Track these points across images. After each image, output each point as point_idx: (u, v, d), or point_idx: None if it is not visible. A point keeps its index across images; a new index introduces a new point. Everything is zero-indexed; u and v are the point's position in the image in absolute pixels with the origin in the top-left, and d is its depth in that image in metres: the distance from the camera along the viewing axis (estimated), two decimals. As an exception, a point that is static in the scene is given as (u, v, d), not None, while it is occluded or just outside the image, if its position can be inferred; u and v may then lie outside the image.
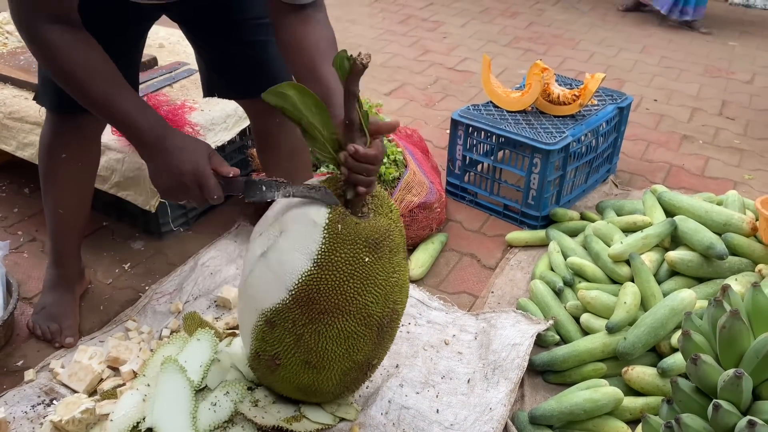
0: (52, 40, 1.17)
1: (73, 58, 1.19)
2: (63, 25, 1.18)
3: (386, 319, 1.31)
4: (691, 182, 2.65)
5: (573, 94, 2.33)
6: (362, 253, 1.22)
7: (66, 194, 1.69)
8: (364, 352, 1.32)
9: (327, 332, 1.25)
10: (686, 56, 4.04)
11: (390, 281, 1.28)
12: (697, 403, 1.21)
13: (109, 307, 1.89)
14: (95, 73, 1.21)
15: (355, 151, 1.15)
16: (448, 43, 4.17)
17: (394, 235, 1.28)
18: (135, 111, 1.23)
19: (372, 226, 1.23)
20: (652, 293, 1.75)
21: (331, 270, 1.21)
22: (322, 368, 1.31)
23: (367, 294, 1.25)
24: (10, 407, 1.53)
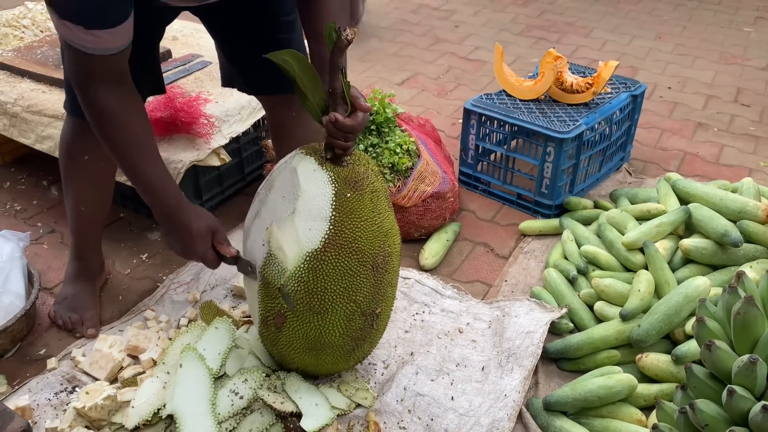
0: (104, 108, 1.30)
1: (119, 128, 1.33)
2: (117, 87, 1.30)
3: (379, 258, 1.36)
4: (705, 170, 2.64)
5: (586, 83, 2.32)
6: (344, 189, 1.31)
7: (87, 193, 1.72)
8: (362, 291, 1.35)
9: (323, 269, 1.31)
10: (700, 43, 4.00)
11: (376, 221, 1.35)
12: (711, 388, 1.21)
13: (127, 297, 1.92)
14: (133, 145, 1.36)
15: (335, 120, 1.27)
16: (460, 32, 4.16)
17: (372, 179, 1.36)
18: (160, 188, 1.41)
19: (350, 170, 1.34)
20: (666, 281, 1.75)
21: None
22: (326, 312, 1.34)
23: (354, 228, 1.31)
24: (34, 394, 1.56)
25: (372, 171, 1.38)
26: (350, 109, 1.29)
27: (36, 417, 1.51)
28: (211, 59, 2.43)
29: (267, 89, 1.73)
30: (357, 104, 1.29)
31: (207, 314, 1.76)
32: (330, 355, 1.43)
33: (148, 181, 1.40)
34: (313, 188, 1.31)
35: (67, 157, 1.67)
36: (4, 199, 2.35)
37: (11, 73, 2.30)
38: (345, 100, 1.28)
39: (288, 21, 1.63)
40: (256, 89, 1.77)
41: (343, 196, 1.31)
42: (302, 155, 1.36)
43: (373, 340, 1.51)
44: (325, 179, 1.32)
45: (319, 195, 1.31)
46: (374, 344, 1.54)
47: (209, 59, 2.44)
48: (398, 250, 1.44)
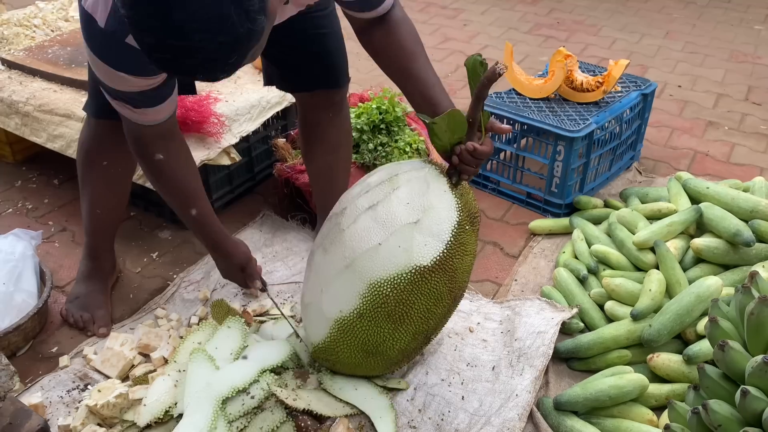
0: (158, 164, 1.46)
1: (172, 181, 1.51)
2: (168, 142, 1.45)
3: (460, 292, 1.43)
4: (716, 169, 2.62)
5: (596, 81, 2.31)
6: (465, 221, 1.37)
7: (104, 196, 1.73)
8: (436, 317, 1.41)
9: (421, 285, 1.34)
10: (711, 41, 3.98)
11: (472, 259, 1.41)
12: (724, 389, 1.21)
13: (138, 296, 1.93)
14: (189, 194, 1.54)
15: (474, 149, 1.31)
16: (469, 31, 4.15)
17: (479, 220, 1.43)
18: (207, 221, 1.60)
19: (471, 203, 1.41)
20: (678, 280, 1.74)
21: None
22: (401, 323, 1.37)
23: (460, 259, 1.36)
24: (46, 392, 1.57)
25: (476, 207, 1.44)
26: (483, 138, 1.34)
27: (49, 414, 1.52)
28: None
29: (305, 85, 1.73)
30: (495, 127, 1.35)
31: (218, 313, 1.76)
32: (377, 362, 1.46)
33: (198, 218, 1.57)
34: (442, 209, 1.35)
35: (86, 160, 1.68)
36: (15, 197, 2.36)
37: (23, 73, 2.31)
38: (481, 129, 1.33)
39: (324, 15, 1.63)
40: (294, 86, 1.78)
41: (462, 227, 1.35)
42: (436, 172, 1.39)
43: (411, 359, 1.55)
44: (452, 204, 1.36)
45: (445, 218, 1.34)
46: (409, 361, 1.58)
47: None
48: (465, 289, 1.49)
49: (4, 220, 2.24)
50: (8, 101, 2.20)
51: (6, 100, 2.20)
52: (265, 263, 2.02)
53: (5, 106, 2.21)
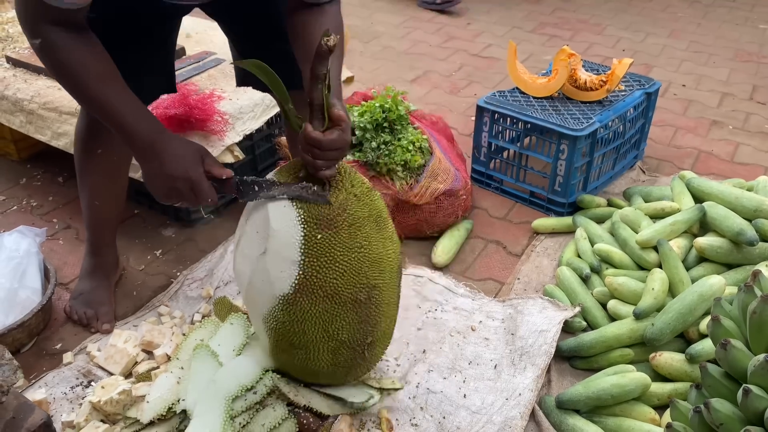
0: (53, 40, 1.17)
1: (71, 58, 1.19)
2: (65, 27, 1.18)
3: (361, 294, 1.27)
4: (720, 168, 2.62)
5: (600, 80, 2.31)
6: (313, 231, 1.22)
7: (102, 187, 1.73)
8: (345, 330, 1.30)
9: (296, 313, 1.27)
10: (715, 40, 3.97)
11: (355, 258, 1.25)
12: (726, 388, 1.21)
13: (142, 293, 1.94)
14: (93, 75, 1.21)
15: (305, 131, 1.15)
16: (473, 30, 4.15)
17: (352, 210, 1.25)
18: (130, 115, 1.24)
19: (323, 207, 1.23)
20: (681, 279, 1.74)
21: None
22: (308, 347, 1.32)
23: (326, 271, 1.23)
24: (50, 388, 1.58)
25: (354, 197, 1.26)
26: (327, 125, 1.17)
27: (52, 411, 1.53)
28: (224, 56, 2.44)
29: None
30: (334, 114, 1.16)
31: (220, 310, 1.76)
32: (325, 378, 1.44)
33: (115, 110, 1.23)
34: (283, 228, 1.23)
35: (82, 151, 1.68)
36: (20, 195, 2.37)
37: (27, 71, 2.32)
38: (323, 114, 1.16)
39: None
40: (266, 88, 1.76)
41: (312, 239, 1.22)
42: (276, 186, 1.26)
43: (372, 361, 1.46)
44: (293, 218, 1.22)
45: (288, 237, 1.22)
46: (373, 362, 1.49)
47: (223, 56, 2.45)
48: (392, 274, 1.34)
49: (8, 217, 2.25)
50: (13, 99, 2.20)
51: (11, 98, 2.21)
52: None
53: (10, 104, 2.22)
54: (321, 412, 1.44)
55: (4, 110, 2.25)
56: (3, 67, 2.36)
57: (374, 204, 1.31)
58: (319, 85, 1.12)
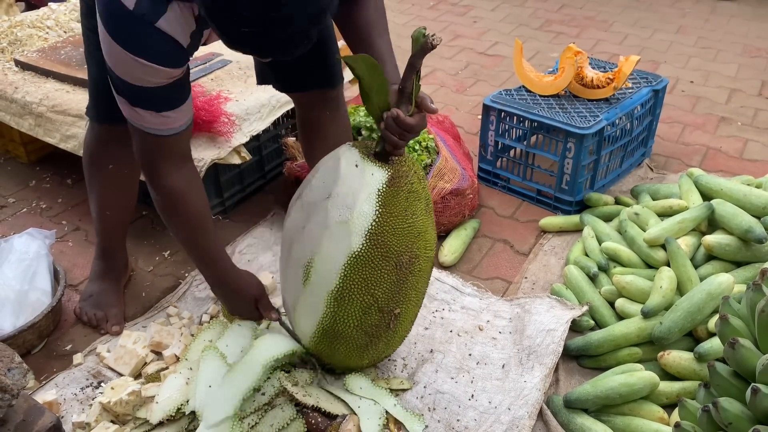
0: (172, 189, 1.41)
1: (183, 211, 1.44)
2: (182, 164, 1.42)
3: (404, 257, 1.35)
4: (728, 165, 2.60)
5: (607, 78, 2.30)
6: (383, 185, 1.32)
7: (111, 199, 1.74)
8: (381, 287, 1.36)
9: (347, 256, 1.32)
10: (724, 36, 3.94)
11: (407, 221, 1.34)
12: (734, 387, 1.20)
13: (150, 294, 1.95)
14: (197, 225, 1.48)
15: (396, 116, 1.25)
16: (479, 28, 4.14)
17: (412, 180, 1.36)
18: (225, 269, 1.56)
19: (392, 167, 1.34)
20: (689, 278, 1.73)
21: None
22: (342, 299, 1.36)
23: (382, 222, 1.31)
24: (60, 389, 1.59)
25: (415, 173, 1.38)
26: (413, 111, 1.29)
27: (63, 411, 1.54)
28: (231, 58, 2.45)
29: (300, 85, 1.73)
30: (423, 105, 1.28)
31: (228, 311, 1.78)
32: (343, 346, 1.45)
33: (207, 256, 1.53)
34: (351, 177, 1.33)
35: (91, 165, 1.69)
36: (29, 197, 2.39)
37: (36, 74, 2.34)
38: (411, 100, 1.28)
39: None
40: (288, 86, 1.78)
41: (378, 191, 1.32)
42: (349, 146, 1.38)
43: (390, 342, 1.50)
44: (364, 171, 1.32)
45: (357, 186, 1.32)
46: (390, 347, 1.54)
47: (229, 58, 2.46)
48: (430, 254, 1.43)
49: (18, 219, 2.27)
50: (22, 102, 2.22)
51: (20, 101, 2.23)
52: (275, 261, 2.03)
53: (19, 107, 2.24)
54: (329, 412, 1.45)
55: (13, 113, 2.27)
56: (12, 70, 2.38)
57: (426, 188, 1.42)
58: (413, 75, 1.24)
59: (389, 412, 1.49)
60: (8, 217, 2.29)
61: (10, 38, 2.54)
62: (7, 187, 2.44)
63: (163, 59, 1.20)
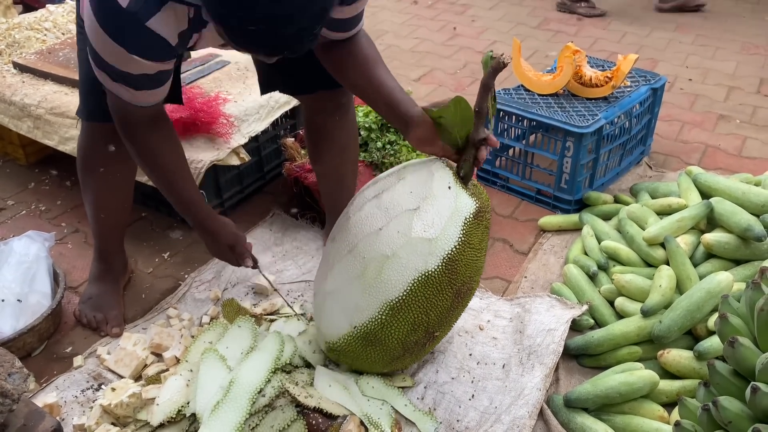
0: (145, 143, 1.45)
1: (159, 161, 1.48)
2: (154, 124, 1.43)
3: (464, 287, 1.40)
4: (727, 163, 2.60)
5: (605, 76, 2.30)
6: (470, 213, 1.37)
7: (107, 201, 1.74)
8: (436, 310, 1.39)
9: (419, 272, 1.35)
10: (722, 34, 3.94)
11: (479, 255, 1.40)
12: (734, 385, 1.20)
13: (150, 296, 1.95)
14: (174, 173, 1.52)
15: (488, 138, 1.35)
16: (477, 27, 4.14)
17: (489, 216, 1.42)
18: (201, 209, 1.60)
19: (479, 197, 1.40)
20: (688, 276, 1.73)
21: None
22: (398, 311, 1.37)
23: (459, 250, 1.35)
24: (61, 392, 1.59)
25: (489, 209, 1.43)
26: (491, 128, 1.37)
27: (63, 414, 1.54)
28: (229, 59, 2.45)
29: (307, 88, 1.72)
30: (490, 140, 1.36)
31: (228, 312, 1.78)
32: (377, 353, 1.45)
33: (183, 199, 1.56)
34: (444, 199, 1.36)
35: (84, 167, 1.69)
36: (29, 199, 2.39)
37: (34, 76, 2.34)
38: (486, 121, 1.35)
39: None
40: (296, 89, 1.78)
41: (465, 219, 1.36)
42: (443, 165, 1.40)
43: (417, 357, 1.54)
44: (456, 195, 1.36)
45: (447, 207, 1.35)
46: (415, 361, 1.58)
47: (228, 59, 2.46)
48: (476, 287, 1.49)
49: (18, 221, 2.27)
50: (20, 104, 2.22)
51: (18, 103, 2.22)
52: (275, 262, 2.03)
53: (17, 110, 2.24)
54: (330, 413, 1.45)
55: (12, 116, 2.27)
56: (10, 72, 2.37)
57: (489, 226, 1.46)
58: (488, 96, 1.29)
59: (399, 412, 1.50)
60: (7, 219, 2.29)
61: (8, 40, 2.54)
62: (6, 189, 2.44)
63: (150, 55, 1.24)
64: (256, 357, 1.51)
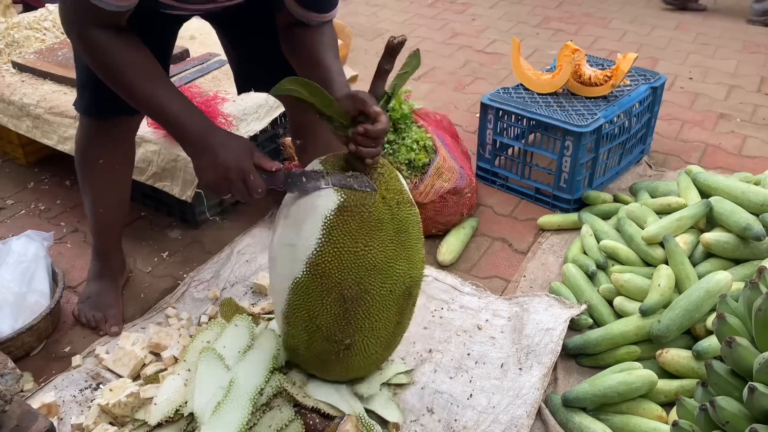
0: (102, 43, 1.23)
1: (121, 59, 1.24)
2: (111, 30, 1.24)
3: (348, 290, 1.28)
4: (727, 161, 2.60)
5: (605, 75, 2.30)
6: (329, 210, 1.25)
7: (104, 196, 1.74)
8: (323, 316, 1.31)
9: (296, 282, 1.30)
10: (723, 32, 3.93)
11: (356, 253, 1.26)
12: (732, 385, 1.20)
13: (149, 295, 1.95)
14: (142, 74, 1.26)
15: (365, 131, 1.22)
16: (477, 25, 4.14)
17: (372, 210, 1.26)
18: (182, 111, 1.28)
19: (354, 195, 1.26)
20: (687, 275, 1.73)
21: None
22: (288, 317, 1.36)
23: (324, 251, 1.26)
24: (59, 391, 1.59)
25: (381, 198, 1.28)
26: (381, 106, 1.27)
27: (62, 413, 1.54)
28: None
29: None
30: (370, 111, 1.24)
31: (227, 311, 1.78)
32: (305, 362, 1.47)
33: (169, 108, 1.27)
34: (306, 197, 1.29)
35: (83, 161, 1.69)
36: (28, 199, 2.39)
37: (34, 75, 2.34)
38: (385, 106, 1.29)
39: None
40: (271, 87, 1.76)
41: (330, 219, 1.25)
42: (318, 162, 1.35)
43: (350, 367, 1.43)
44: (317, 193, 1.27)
45: (306, 207, 1.27)
46: (352, 372, 1.47)
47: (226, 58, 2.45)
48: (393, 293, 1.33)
49: (17, 221, 2.27)
50: (19, 104, 2.22)
51: (17, 103, 2.23)
52: (273, 262, 2.03)
53: (17, 109, 2.24)
54: (327, 413, 1.45)
55: (11, 115, 2.27)
56: (10, 72, 2.37)
57: (401, 215, 1.31)
58: (381, 82, 1.24)
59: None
60: (7, 219, 2.29)
61: (7, 40, 2.54)
62: (5, 188, 2.44)
63: None
64: (253, 356, 1.51)
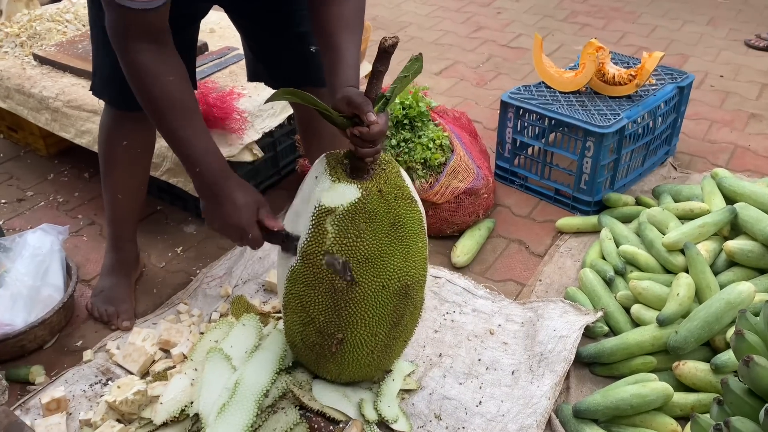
0: (141, 68, 1.25)
1: (155, 88, 1.26)
2: (153, 48, 1.24)
3: (338, 282, 1.28)
4: (757, 164, 2.51)
5: (629, 74, 2.23)
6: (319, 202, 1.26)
7: (125, 178, 1.75)
8: (316, 307, 1.32)
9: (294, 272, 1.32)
10: (757, 27, 3.80)
11: (346, 241, 1.25)
12: (749, 405, 1.16)
13: (162, 290, 1.95)
14: (173, 107, 1.29)
15: (359, 134, 1.21)
16: (502, 19, 4.07)
17: (366, 202, 1.25)
18: (201, 153, 1.31)
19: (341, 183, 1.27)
20: (708, 285, 1.68)
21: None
22: (285, 307, 1.39)
23: (313, 241, 1.27)
24: (70, 386, 1.61)
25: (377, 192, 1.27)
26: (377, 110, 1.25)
27: (71, 408, 1.55)
28: (246, 52, 2.43)
29: (291, 82, 1.70)
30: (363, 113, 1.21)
31: (237, 309, 1.77)
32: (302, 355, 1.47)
33: (190, 146, 1.30)
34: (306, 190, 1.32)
35: (107, 143, 1.71)
36: (47, 190, 2.41)
37: (53, 68, 2.35)
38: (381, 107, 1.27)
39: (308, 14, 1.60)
40: (280, 83, 1.75)
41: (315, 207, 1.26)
42: (324, 156, 1.34)
43: (342, 366, 1.42)
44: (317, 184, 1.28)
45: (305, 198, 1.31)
46: (345, 372, 1.44)
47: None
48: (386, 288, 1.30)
49: (35, 213, 2.29)
50: (39, 97, 2.24)
51: (37, 95, 2.24)
52: (286, 259, 2.02)
53: (36, 102, 2.26)
54: (333, 417, 1.43)
55: (31, 108, 2.29)
56: (30, 64, 2.39)
57: (398, 209, 1.28)
58: (376, 83, 1.21)
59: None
60: (26, 210, 2.31)
61: (29, 32, 2.56)
62: (26, 180, 2.47)
63: None
64: (260, 357, 1.50)
